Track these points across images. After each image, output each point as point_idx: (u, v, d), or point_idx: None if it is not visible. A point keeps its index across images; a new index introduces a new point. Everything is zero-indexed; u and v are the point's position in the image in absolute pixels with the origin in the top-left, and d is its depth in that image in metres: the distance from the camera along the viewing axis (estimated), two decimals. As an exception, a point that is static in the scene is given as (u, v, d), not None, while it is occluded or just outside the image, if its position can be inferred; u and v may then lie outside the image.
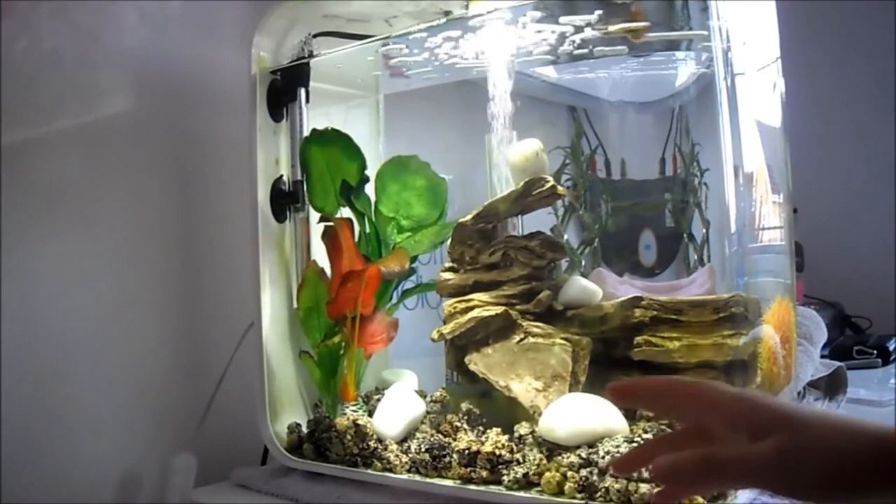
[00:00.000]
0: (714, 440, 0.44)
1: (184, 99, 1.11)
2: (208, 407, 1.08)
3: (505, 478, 0.73)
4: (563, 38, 0.85)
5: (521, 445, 0.75)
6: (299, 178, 0.97)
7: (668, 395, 0.47)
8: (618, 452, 0.67)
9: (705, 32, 0.73)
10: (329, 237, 0.95)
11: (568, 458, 0.70)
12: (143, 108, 1.06)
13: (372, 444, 0.84)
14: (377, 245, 0.97)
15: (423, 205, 0.99)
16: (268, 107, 0.96)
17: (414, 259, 0.97)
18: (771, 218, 0.79)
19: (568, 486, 0.68)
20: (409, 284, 1.01)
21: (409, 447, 0.82)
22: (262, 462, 1.01)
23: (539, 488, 0.71)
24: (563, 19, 0.82)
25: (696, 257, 0.97)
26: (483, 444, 0.75)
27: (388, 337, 0.95)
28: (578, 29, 0.83)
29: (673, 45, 0.87)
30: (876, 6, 1.49)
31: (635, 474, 0.65)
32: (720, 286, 0.83)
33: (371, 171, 0.98)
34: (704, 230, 0.96)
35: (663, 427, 0.72)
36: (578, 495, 0.68)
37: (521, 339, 0.82)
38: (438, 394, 0.90)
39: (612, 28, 0.80)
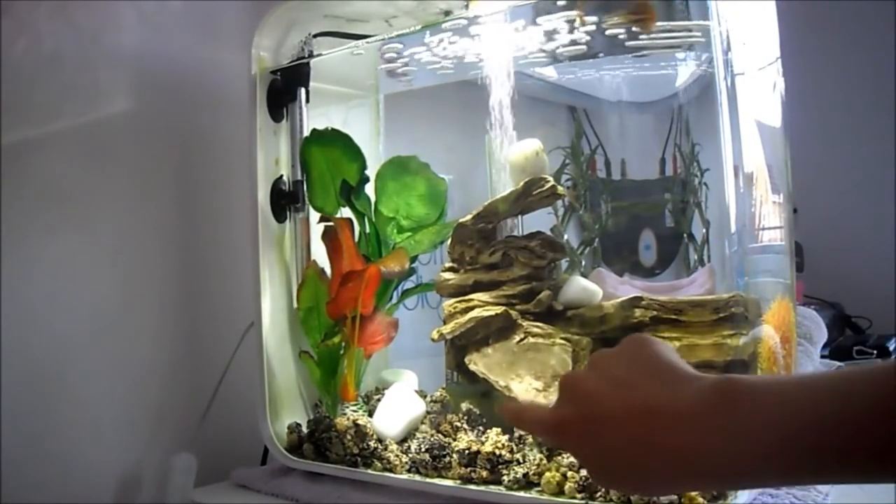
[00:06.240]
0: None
1: (184, 99, 1.11)
2: (208, 407, 1.08)
3: (505, 478, 0.72)
4: (568, 35, 0.85)
5: (521, 445, 0.75)
6: (299, 178, 0.97)
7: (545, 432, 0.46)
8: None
9: (707, 22, 0.73)
10: (329, 237, 0.95)
11: (568, 458, 0.70)
12: (143, 108, 1.06)
13: (372, 444, 0.84)
14: (377, 245, 0.97)
15: (423, 205, 0.99)
16: (268, 107, 0.96)
17: (414, 259, 0.97)
18: (771, 218, 0.79)
19: (568, 486, 0.68)
20: (409, 284, 1.01)
21: (409, 447, 0.82)
22: (262, 462, 1.01)
23: (539, 488, 0.71)
24: (565, 16, 0.82)
25: (696, 257, 0.97)
26: (483, 444, 0.75)
27: (388, 337, 0.95)
28: (574, 27, 0.83)
29: (673, 45, 0.87)
30: (876, 6, 1.48)
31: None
32: (720, 286, 0.83)
33: (371, 171, 0.98)
34: (704, 230, 0.95)
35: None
36: (578, 495, 0.68)
37: (521, 339, 0.82)
38: (438, 394, 0.90)
39: (620, 19, 0.80)
